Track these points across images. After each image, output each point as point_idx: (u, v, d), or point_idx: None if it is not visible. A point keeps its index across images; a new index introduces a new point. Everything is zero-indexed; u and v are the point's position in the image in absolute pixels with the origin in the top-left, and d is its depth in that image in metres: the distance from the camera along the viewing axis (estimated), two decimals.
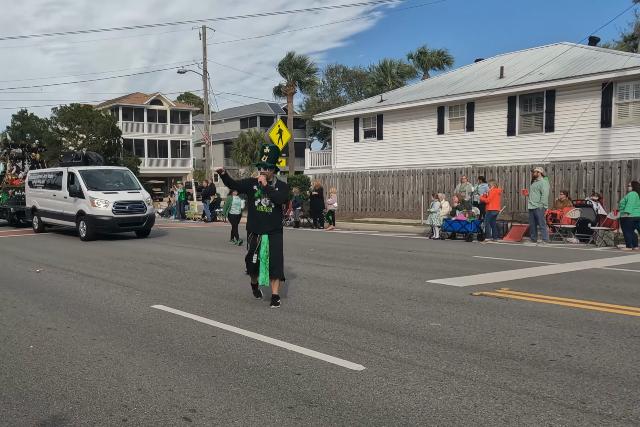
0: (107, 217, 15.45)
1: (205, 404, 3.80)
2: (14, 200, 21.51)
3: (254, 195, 6.65)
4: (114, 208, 15.48)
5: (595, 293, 7.48)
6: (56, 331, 5.81)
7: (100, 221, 15.45)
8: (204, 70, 31.69)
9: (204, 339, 5.41)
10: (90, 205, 15.51)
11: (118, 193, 16.05)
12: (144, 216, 15.98)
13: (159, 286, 8.31)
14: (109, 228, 15.64)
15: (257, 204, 6.66)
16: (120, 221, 15.58)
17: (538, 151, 19.22)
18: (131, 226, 16.00)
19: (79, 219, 15.92)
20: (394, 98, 25.75)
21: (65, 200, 16.59)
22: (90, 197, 15.61)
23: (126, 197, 16.00)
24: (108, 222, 15.47)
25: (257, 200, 6.65)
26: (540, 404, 3.74)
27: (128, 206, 15.76)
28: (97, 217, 15.45)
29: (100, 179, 16.68)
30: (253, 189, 6.65)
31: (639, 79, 17.55)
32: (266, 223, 6.69)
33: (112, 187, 16.48)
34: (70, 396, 3.99)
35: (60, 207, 16.88)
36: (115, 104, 50.49)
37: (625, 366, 4.51)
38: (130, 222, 15.82)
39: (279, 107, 53.95)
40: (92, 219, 15.45)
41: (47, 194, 17.78)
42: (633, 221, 12.59)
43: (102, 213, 15.43)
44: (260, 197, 6.61)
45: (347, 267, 10.01)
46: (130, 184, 17.02)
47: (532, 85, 19.66)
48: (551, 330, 5.60)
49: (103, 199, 15.57)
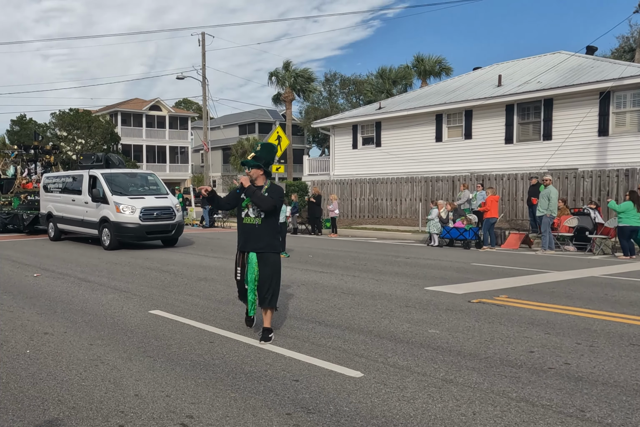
0: (134, 224, 14.24)
1: (203, 410, 3.78)
2: (26, 205, 20.19)
3: (241, 205, 5.46)
4: (141, 214, 14.31)
5: (594, 301, 7.47)
6: (53, 335, 5.78)
7: (126, 229, 14.23)
8: (202, 76, 31.77)
9: (201, 344, 5.39)
10: (114, 212, 14.32)
11: (145, 198, 14.89)
12: (173, 223, 14.81)
13: (156, 291, 8.29)
14: (135, 236, 14.46)
15: (244, 215, 5.44)
16: (147, 229, 14.37)
17: (536, 159, 19.28)
18: (159, 234, 14.80)
19: (101, 227, 14.71)
20: (392, 105, 25.83)
21: (86, 206, 15.45)
22: (115, 202, 14.42)
23: (154, 202, 14.83)
24: (135, 229, 14.26)
25: (244, 211, 5.43)
26: (540, 412, 3.73)
27: (156, 212, 14.58)
28: (123, 224, 14.22)
29: (125, 183, 15.50)
30: (241, 197, 5.48)
31: (636, 88, 17.65)
32: (254, 238, 5.36)
33: (137, 192, 15.35)
34: (66, 401, 3.96)
35: (80, 214, 15.74)
36: (114, 110, 50.55)
37: (624, 374, 4.50)
38: (159, 230, 14.58)
39: (277, 114, 54.08)
40: (117, 226, 14.22)
41: (65, 199, 16.62)
42: (629, 230, 12.61)
43: (128, 220, 14.25)
44: (248, 205, 5.41)
45: (345, 274, 10.00)
46: (157, 189, 15.93)
47: (530, 93, 19.74)
48: (550, 338, 5.59)
49: (129, 205, 14.37)
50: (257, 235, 5.36)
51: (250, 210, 5.40)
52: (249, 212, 5.41)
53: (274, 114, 54.68)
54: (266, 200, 5.28)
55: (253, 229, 5.37)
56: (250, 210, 5.40)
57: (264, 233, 5.37)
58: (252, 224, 5.38)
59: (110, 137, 41.65)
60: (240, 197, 5.46)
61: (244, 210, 5.43)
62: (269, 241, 5.39)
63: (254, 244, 5.38)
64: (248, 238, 5.40)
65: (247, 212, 5.41)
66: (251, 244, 5.39)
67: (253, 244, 5.38)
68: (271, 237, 5.40)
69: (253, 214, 5.39)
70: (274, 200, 5.31)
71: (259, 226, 5.36)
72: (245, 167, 5.48)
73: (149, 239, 14.91)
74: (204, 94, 32.07)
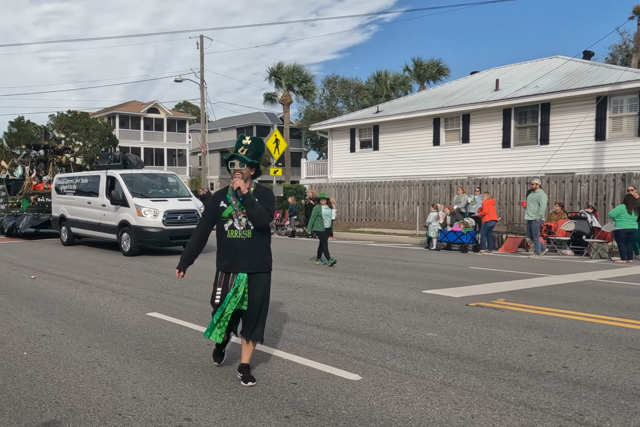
0: (157, 228, 13.38)
1: (201, 413, 3.77)
2: (36, 207, 19.24)
3: (222, 216, 4.33)
4: (165, 218, 13.45)
5: (591, 305, 7.48)
6: (50, 337, 5.76)
7: (148, 233, 13.38)
8: (201, 79, 31.79)
9: (199, 347, 5.38)
10: (136, 215, 13.49)
11: (168, 201, 14.07)
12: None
13: (154, 294, 8.27)
14: (158, 242, 13.65)
15: (228, 228, 4.30)
16: (171, 233, 13.47)
17: (533, 163, 19.33)
18: (183, 239, 13.59)
19: (121, 231, 13.88)
20: (390, 109, 25.88)
21: (104, 209, 14.59)
22: (136, 205, 13.58)
23: (177, 205, 13.99)
24: (157, 234, 13.40)
25: (228, 223, 4.30)
26: (538, 416, 3.73)
27: (180, 216, 13.74)
28: (145, 228, 13.37)
29: (145, 185, 14.70)
30: (221, 205, 4.36)
31: (632, 93, 17.72)
32: (243, 255, 4.29)
33: (159, 194, 14.54)
34: (64, 403, 3.95)
35: (96, 217, 14.92)
36: (112, 112, 50.53)
37: (622, 377, 4.50)
38: (183, 234, 13.45)
39: (275, 117, 54.14)
40: (139, 231, 13.38)
41: (79, 201, 15.79)
42: (626, 233, 12.65)
43: (150, 224, 13.39)
44: (232, 215, 4.29)
45: (343, 277, 9.99)
46: (179, 191, 15.12)
47: (527, 98, 19.81)
48: (548, 341, 5.60)
49: (152, 208, 13.53)
50: (247, 251, 4.29)
51: (236, 222, 4.28)
52: (234, 223, 4.29)
53: (272, 117, 54.75)
54: (265, 215, 4.23)
55: (241, 244, 4.28)
56: (236, 222, 4.28)
57: (255, 249, 4.31)
58: (239, 238, 4.28)
59: (108, 140, 41.60)
60: (220, 205, 4.35)
61: (227, 222, 4.30)
62: (261, 258, 4.34)
63: (243, 263, 4.28)
64: (234, 256, 4.29)
65: (232, 224, 4.29)
66: (240, 263, 4.28)
67: (242, 263, 4.28)
68: (264, 252, 4.38)
69: (240, 225, 4.28)
70: (271, 213, 4.29)
71: (249, 240, 4.28)
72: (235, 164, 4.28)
73: (172, 245, 14.07)
74: (202, 96, 32.09)
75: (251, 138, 4.41)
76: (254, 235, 4.30)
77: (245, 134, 4.68)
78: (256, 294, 4.33)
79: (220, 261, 4.41)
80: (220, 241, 4.40)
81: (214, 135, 51.81)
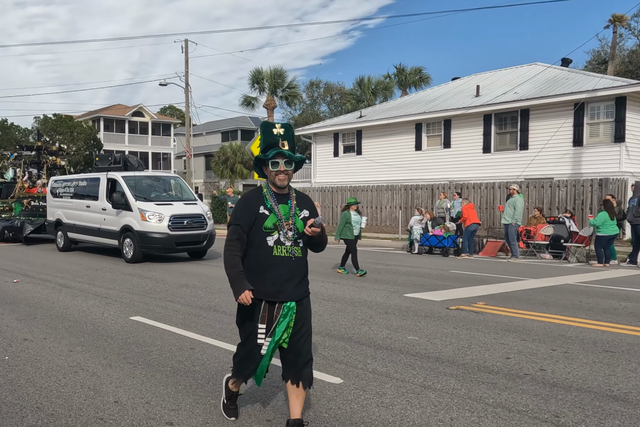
0: (162, 234, 12.72)
1: (183, 417, 3.78)
2: (29, 211, 18.46)
3: (264, 226, 3.37)
4: (170, 223, 12.81)
5: (569, 308, 7.62)
6: (32, 342, 5.72)
7: (152, 239, 12.72)
8: (185, 82, 31.69)
9: (182, 351, 5.38)
10: (139, 220, 12.82)
11: (173, 205, 13.44)
12: (204, 233, 13.29)
13: (137, 298, 8.24)
14: (163, 248, 13.01)
15: (274, 243, 3.38)
16: (177, 239, 12.89)
17: (513, 168, 19.60)
18: (189, 246, 13.29)
19: (123, 236, 13.20)
20: (373, 114, 26.06)
21: (104, 213, 13.90)
22: (140, 209, 12.91)
23: (183, 209, 13.36)
24: (163, 240, 12.75)
25: (273, 236, 3.38)
26: (515, 418, 3.81)
27: (187, 221, 13.11)
28: (149, 234, 12.70)
29: (148, 188, 14.08)
30: (261, 212, 3.39)
31: (609, 99, 18.07)
32: (292, 278, 3.43)
33: (163, 198, 13.94)
34: (45, 408, 3.94)
35: (96, 222, 14.18)
36: (97, 115, 50.13)
37: (597, 380, 4.60)
38: (189, 240, 13.06)
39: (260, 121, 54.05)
40: (143, 236, 12.72)
41: (77, 205, 15.03)
42: (608, 239, 12.88)
43: (155, 229, 12.72)
44: (277, 226, 3.38)
45: (326, 280, 10.04)
46: (184, 194, 14.53)
47: (507, 104, 20.10)
48: (526, 344, 5.70)
49: (156, 212, 12.86)
50: (296, 273, 3.41)
51: (282, 235, 3.36)
52: (280, 237, 3.36)
53: (257, 121, 54.70)
54: (325, 239, 3.51)
55: (290, 264, 3.39)
56: (282, 235, 3.36)
57: (303, 269, 3.49)
58: (287, 256, 3.37)
59: (93, 143, 41.23)
60: (260, 211, 3.37)
61: (270, 234, 3.35)
62: (306, 282, 3.53)
63: (292, 288, 3.39)
64: (281, 279, 3.36)
65: (279, 238, 3.36)
66: (289, 288, 3.38)
67: (291, 288, 3.39)
68: (307, 273, 3.56)
69: (287, 240, 3.37)
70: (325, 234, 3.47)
71: (298, 259, 3.43)
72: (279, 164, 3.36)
73: (178, 251, 13.50)
74: (186, 100, 31.99)
75: (282, 125, 3.44)
76: (303, 253, 3.46)
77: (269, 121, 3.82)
78: (303, 325, 3.43)
79: (259, 285, 3.34)
80: (259, 259, 3.37)
81: (198, 139, 51.62)
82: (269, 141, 3.39)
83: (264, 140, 3.42)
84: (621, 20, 29.70)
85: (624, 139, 17.76)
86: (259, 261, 3.38)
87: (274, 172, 3.36)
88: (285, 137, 3.39)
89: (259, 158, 3.42)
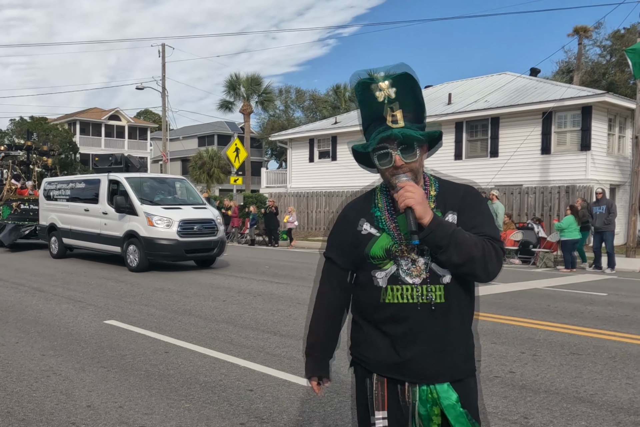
0: (171, 240, 11.71)
1: (156, 421, 3.78)
2: (19, 215, 17.15)
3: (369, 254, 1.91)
4: (180, 229, 11.81)
5: (537, 312, 7.79)
6: (4, 346, 5.63)
7: (160, 246, 11.70)
8: (162, 87, 31.46)
9: (156, 355, 5.36)
10: (146, 225, 11.78)
11: (182, 209, 12.41)
12: (215, 239, 12.32)
13: (112, 301, 8.17)
14: (172, 255, 12.04)
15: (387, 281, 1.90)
16: (187, 246, 11.89)
17: (483, 175, 19.91)
18: (200, 253, 12.31)
19: (126, 243, 12.13)
20: (348, 120, 26.22)
21: (105, 217, 12.78)
22: (146, 213, 11.86)
23: (193, 214, 12.37)
24: (171, 247, 11.75)
25: (386, 269, 1.90)
26: (486, 420, 3.88)
27: (197, 226, 12.15)
28: (157, 240, 11.66)
29: (154, 190, 13.09)
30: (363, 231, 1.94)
31: (576, 109, 18.53)
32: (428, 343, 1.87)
33: (171, 201, 12.95)
34: (16, 413, 3.89)
35: (95, 226, 13.05)
36: (73, 118, 49.37)
37: (564, 382, 4.73)
38: (200, 247, 12.13)
39: (236, 126, 53.96)
40: (149, 243, 11.65)
41: (74, 208, 13.86)
42: (572, 243, 13.20)
43: (163, 235, 11.69)
44: (393, 253, 1.88)
45: (301, 285, 10.08)
46: (192, 197, 13.54)
47: (478, 112, 20.46)
48: (496, 347, 5.81)
49: (164, 217, 11.83)
50: (435, 335, 1.88)
51: (403, 267, 1.89)
52: (400, 271, 1.89)
53: (233, 126, 54.58)
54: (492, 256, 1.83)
55: (421, 318, 1.87)
56: (403, 267, 1.89)
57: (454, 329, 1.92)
58: (413, 303, 1.87)
59: (69, 146, 40.61)
60: (361, 230, 1.95)
61: (381, 267, 1.91)
62: (464, 350, 1.95)
63: (434, 361, 1.89)
64: (406, 343, 1.90)
65: (397, 272, 1.89)
66: (421, 360, 1.89)
67: (431, 360, 1.89)
68: (469, 335, 1.98)
69: (413, 275, 1.88)
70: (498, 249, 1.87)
71: (439, 308, 1.87)
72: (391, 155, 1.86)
73: (188, 259, 12.61)
74: (163, 104, 31.75)
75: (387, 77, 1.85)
76: (449, 297, 1.88)
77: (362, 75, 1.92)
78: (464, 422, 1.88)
79: (366, 351, 2.08)
80: (366, 307, 2.03)
81: (175, 143, 51.24)
82: (369, 112, 1.90)
83: (361, 112, 1.95)
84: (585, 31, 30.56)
85: (590, 147, 18.22)
86: (365, 308, 2.03)
87: (386, 169, 1.90)
88: (400, 98, 1.84)
89: (356, 151, 1.97)
